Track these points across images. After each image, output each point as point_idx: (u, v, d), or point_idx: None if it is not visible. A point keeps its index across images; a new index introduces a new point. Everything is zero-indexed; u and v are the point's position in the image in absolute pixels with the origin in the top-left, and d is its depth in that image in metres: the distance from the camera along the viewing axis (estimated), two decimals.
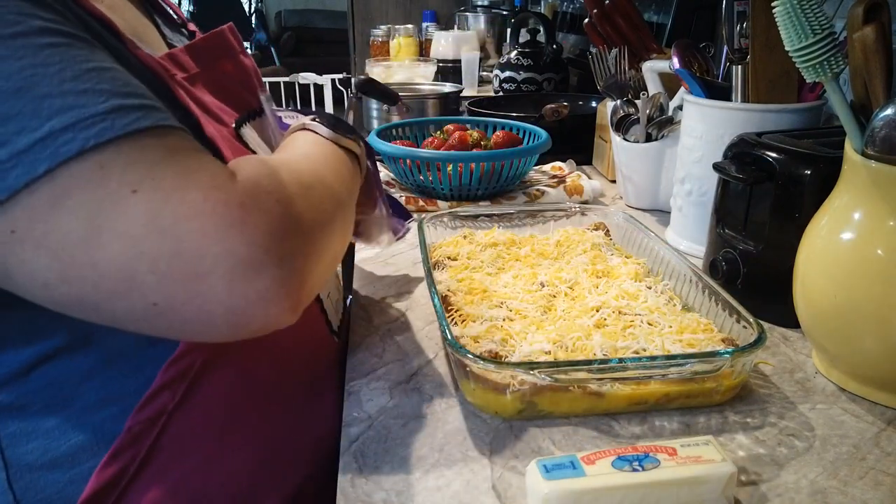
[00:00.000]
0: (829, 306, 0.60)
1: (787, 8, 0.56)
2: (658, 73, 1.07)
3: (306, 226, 0.43)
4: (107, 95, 0.39)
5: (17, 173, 0.37)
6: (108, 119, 0.38)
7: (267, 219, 0.40)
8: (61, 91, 0.38)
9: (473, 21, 2.63)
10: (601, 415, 0.59)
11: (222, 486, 0.56)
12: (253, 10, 6.37)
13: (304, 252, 0.42)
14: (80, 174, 0.37)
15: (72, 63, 0.39)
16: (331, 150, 0.57)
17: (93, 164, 0.38)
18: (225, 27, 0.64)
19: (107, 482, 0.51)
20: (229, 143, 0.55)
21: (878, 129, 0.55)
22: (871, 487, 0.50)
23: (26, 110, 0.37)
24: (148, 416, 0.51)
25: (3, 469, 0.51)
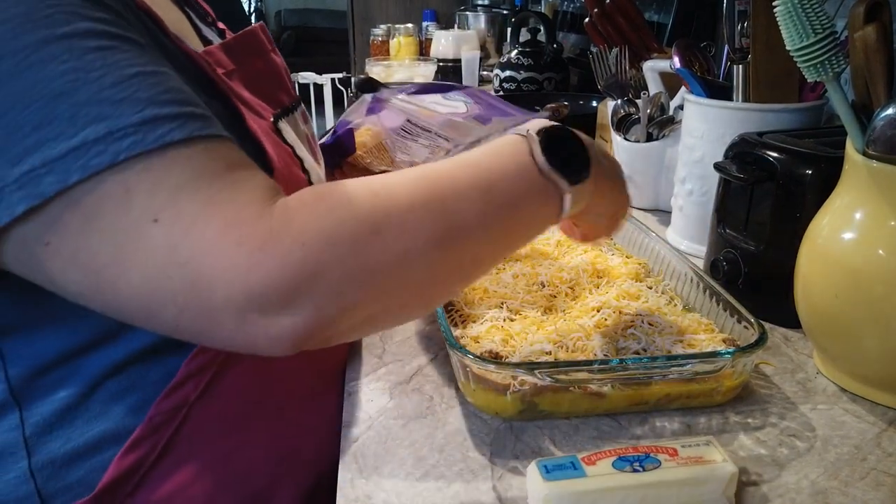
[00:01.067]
0: (830, 306, 0.59)
1: (788, 7, 0.56)
2: (659, 73, 1.07)
3: (339, 274, 0.39)
4: (144, 104, 0.39)
5: (49, 180, 0.37)
6: (141, 131, 0.38)
7: (281, 266, 0.37)
8: (99, 99, 0.38)
9: (474, 20, 2.63)
10: (602, 415, 0.58)
11: (239, 479, 0.57)
12: (252, 9, 6.37)
13: (323, 302, 0.39)
14: (108, 195, 0.37)
15: (114, 68, 0.39)
16: (520, 184, 0.47)
17: (119, 185, 0.37)
18: (256, 26, 0.64)
19: (126, 470, 0.52)
20: (269, 136, 0.56)
21: (880, 128, 0.55)
22: (873, 488, 0.50)
23: (64, 116, 0.37)
24: (170, 406, 0.52)
25: (25, 458, 0.51)
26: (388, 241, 0.40)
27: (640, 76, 1.12)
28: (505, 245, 0.50)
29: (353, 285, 0.39)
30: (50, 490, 0.52)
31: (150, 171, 0.38)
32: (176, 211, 0.38)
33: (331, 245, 0.39)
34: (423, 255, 0.42)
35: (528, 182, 0.47)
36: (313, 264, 0.38)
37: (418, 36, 2.60)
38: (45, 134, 0.37)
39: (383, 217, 0.41)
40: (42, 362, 0.50)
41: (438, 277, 0.44)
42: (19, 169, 0.37)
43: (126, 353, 0.51)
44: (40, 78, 0.37)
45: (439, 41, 2.37)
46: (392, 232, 0.41)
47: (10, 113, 0.37)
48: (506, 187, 0.46)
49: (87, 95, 0.38)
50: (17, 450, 0.51)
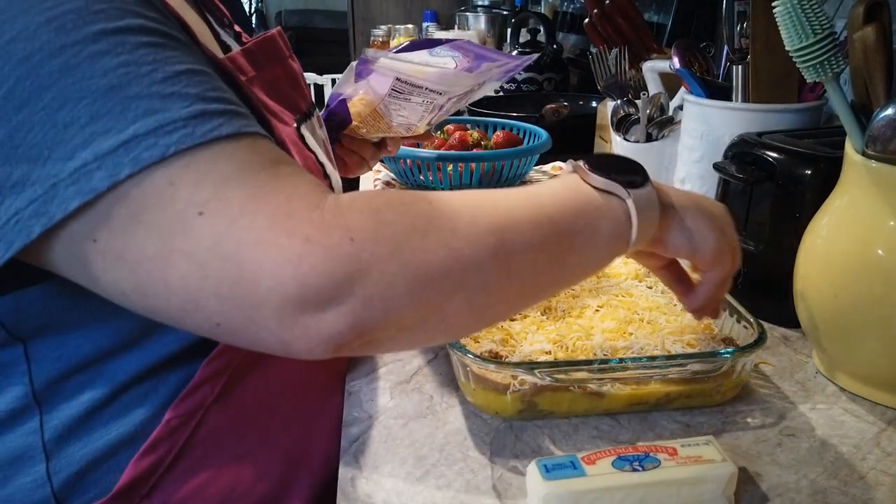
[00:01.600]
0: (829, 306, 0.60)
1: (788, 8, 0.56)
2: (658, 73, 1.07)
3: (387, 274, 0.38)
4: (192, 100, 0.39)
5: (101, 175, 0.37)
6: (190, 125, 0.38)
7: (329, 258, 0.37)
8: (150, 93, 0.38)
9: (474, 21, 2.63)
10: (601, 415, 0.59)
11: (254, 482, 0.57)
12: (253, 9, 6.37)
13: (368, 302, 0.37)
14: (155, 188, 0.37)
15: (164, 64, 0.39)
16: (575, 201, 0.45)
17: (165, 179, 0.37)
18: (274, 31, 0.64)
19: (142, 473, 0.52)
20: (295, 144, 0.56)
21: (879, 128, 0.55)
22: (872, 487, 0.50)
23: (115, 110, 0.37)
24: (186, 409, 0.52)
25: (43, 461, 0.51)
26: (438, 246, 0.39)
27: (640, 77, 1.12)
28: (572, 265, 0.46)
29: (399, 288, 0.38)
30: (66, 493, 0.52)
31: (196, 163, 0.38)
32: (222, 202, 0.37)
33: (381, 243, 0.38)
34: (475, 266, 0.40)
35: (587, 201, 0.46)
36: (362, 261, 0.37)
37: (418, 36, 2.60)
38: (97, 128, 0.37)
39: (435, 221, 0.40)
40: (68, 366, 0.50)
41: (490, 293, 0.42)
42: (73, 164, 0.37)
43: (150, 358, 0.51)
44: (93, 72, 0.37)
45: None
46: (444, 236, 0.40)
47: (64, 108, 0.37)
48: (562, 208, 0.45)
49: (138, 89, 0.38)
50: (35, 454, 0.51)
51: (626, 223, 0.46)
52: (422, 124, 0.77)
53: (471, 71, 0.71)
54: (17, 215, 0.38)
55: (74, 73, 0.37)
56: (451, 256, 0.40)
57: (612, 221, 0.46)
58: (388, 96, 0.70)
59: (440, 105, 0.73)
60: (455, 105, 0.77)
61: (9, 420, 0.51)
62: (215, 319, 0.39)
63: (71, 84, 0.37)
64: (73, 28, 0.37)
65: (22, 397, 0.51)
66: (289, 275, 0.36)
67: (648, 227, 0.48)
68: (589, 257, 0.47)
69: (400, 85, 0.69)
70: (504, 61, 0.74)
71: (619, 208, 0.46)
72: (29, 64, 0.37)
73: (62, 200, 0.37)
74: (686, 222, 0.51)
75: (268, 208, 0.37)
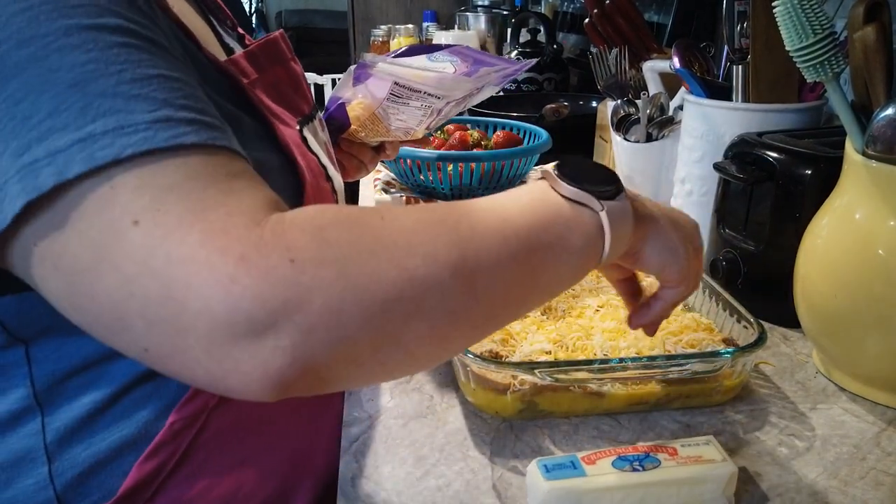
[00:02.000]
0: (829, 306, 0.60)
1: (788, 8, 0.56)
2: (658, 73, 1.07)
3: (330, 299, 0.34)
4: (158, 105, 0.36)
5: (48, 172, 0.34)
6: (153, 128, 0.36)
7: (265, 280, 0.33)
8: (115, 93, 0.36)
9: (474, 21, 2.63)
10: (602, 415, 0.59)
11: (257, 485, 0.57)
12: (253, 9, 6.37)
13: (310, 331, 0.34)
14: (96, 193, 0.35)
15: (135, 66, 0.37)
16: (544, 215, 0.42)
17: (108, 182, 0.35)
18: (277, 34, 0.64)
19: (146, 476, 0.52)
20: (298, 147, 0.56)
21: (879, 128, 0.55)
22: (872, 487, 0.50)
23: (76, 106, 0.35)
24: (190, 412, 0.52)
25: (45, 463, 0.51)
26: (390, 266, 0.35)
27: (640, 76, 1.12)
28: (539, 286, 0.42)
29: (346, 316, 0.34)
30: (69, 496, 0.52)
31: (145, 170, 0.35)
32: (159, 213, 0.34)
33: (324, 265, 0.34)
34: (434, 286, 0.36)
35: (556, 213, 0.42)
36: (302, 285, 0.34)
37: (418, 36, 2.60)
38: (54, 123, 0.35)
39: (386, 238, 0.36)
40: (69, 367, 0.50)
41: (453, 315, 0.38)
42: (22, 160, 0.35)
43: None
44: (60, 66, 0.35)
45: (439, 42, 2.37)
46: (396, 254, 0.36)
47: (25, 100, 0.35)
48: (531, 222, 0.41)
49: (102, 88, 0.36)
50: (37, 456, 0.51)
51: (599, 237, 0.43)
52: (420, 128, 0.77)
53: (469, 75, 0.71)
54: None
55: (41, 65, 0.35)
56: (404, 276, 0.35)
57: (583, 236, 0.42)
58: (387, 100, 0.70)
59: (438, 109, 0.73)
60: (454, 109, 0.77)
61: (10, 422, 0.51)
62: (142, 343, 0.35)
63: (36, 76, 0.35)
64: (46, 19, 0.36)
65: (23, 399, 0.50)
66: (219, 297, 0.33)
67: (621, 240, 0.44)
68: (559, 273, 0.43)
69: (398, 89, 0.69)
70: (502, 66, 0.74)
71: (591, 221, 0.43)
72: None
73: (11, 200, 0.35)
74: (660, 237, 0.48)
75: (204, 223, 0.34)
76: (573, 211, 0.42)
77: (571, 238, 0.42)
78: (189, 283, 0.33)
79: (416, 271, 0.36)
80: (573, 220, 0.42)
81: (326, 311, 0.34)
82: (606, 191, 0.43)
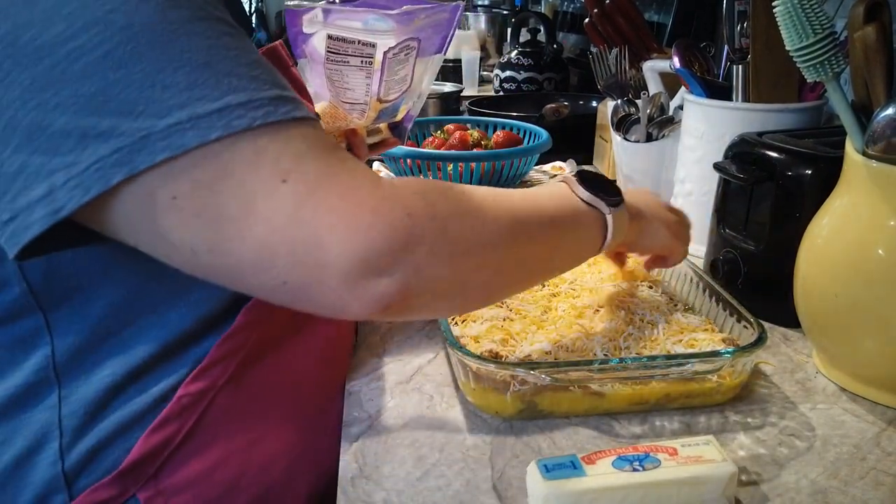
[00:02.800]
0: (829, 306, 0.60)
1: (788, 7, 0.56)
2: (659, 73, 1.07)
3: (435, 245, 0.44)
4: (270, 85, 0.43)
5: (192, 134, 0.39)
6: (273, 104, 0.42)
7: (391, 229, 0.42)
8: (238, 73, 0.42)
9: (474, 21, 2.63)
10: (602, 415, 0.59)
11: (261, 468, 0.57)
12: (253, 9, 6.37)
13: (419, 268, 0.43)
14: (241, 155, 0.41)
15: (244, 52, 0.43)
16: (567, 206, 0.55)
17: (251, 147, 0.41)
18: (277, 44, 0.67)
19: (151, 449, 0.52)
20: None
21: (879, 128, 0.55)
22: (872, 487, 0.50)
23: (210, 82, 0.40)
24: (199, 388, 0.53)
25: (57, 437, 0.52)
26: (475, 225, 0.47)
27: (640, 76, 1.12)
28: (560, 258, 0.56)
29: (443, 257, 0.45)
30: (76, 470, 0.52)
31: (278, 137, 0.42)
32: (301, 174, 0.41)
33: (432, 219, 0.44)
34: (496, 248, 0.49)
35: (575, 208, 0.55)
36: (415, 235, 0.43)
37: None
38: (193, 94, 0.40)
39: (471, 207, 0.47)
40: (91, 336, 0.51)
41: (507, 268, 0.51)
42: (166, 121, 0.39)
43: (167, 335, 0.52)
44: (189, 47, 0.41)
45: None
46: (480, 218, 0.47)
47: (163, 72, 0.40)
48: (557, 210, 0.54)
49: (229, 68, 0.42)
50: (51, 429, 0.52)
51: (603, 232, 0.57)
52: (371, 102, 0.74)
53: (390, 9, 0.70)
54: (99, 162, 0.39)
55: (173, 45, 0.40)
56: (482, 238, 0.47)
57: (592, 229, 0.56)
58: (328, 61, 0.69)
59: (379, 64, 0.71)
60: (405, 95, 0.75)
61: (28, 395, 0.51)
62: (283, 278, 0.42)
63: (170, 54, 0.40)
64: (170, 8, 0.41)
65: (42, 370, 0.51)
66: (358, 241, 0.41)
67: (619, 236, 0.58)
68: (572, 254, 0.58)
69: (334, 44, 0.68)
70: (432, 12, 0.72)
71: (600, 220, 0.56)
72: (130, 31, 0.39)
73: (150, 152, 0.39)
74: (649, 230, 0.63)
75: (340, 183, 0.42)
76: (587, 210, 0.56)
77: (584, 229, 0.56)
78: (334, 230, 0.41)
79: (489, 235, 0.48)
80: (588, 216, 0.56)
81: (430, 255, 0.44)
82: (614, 199, 0.57)
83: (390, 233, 0.42)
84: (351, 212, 0.41)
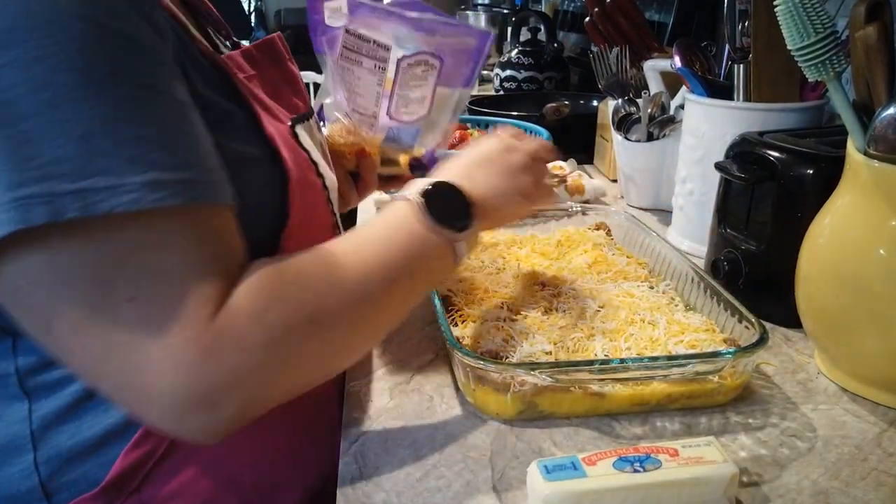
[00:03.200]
0: (831, 306, 0.59)
1: (789, 7, 0.56)
2: (659, 72, 1.06)
3: (274, 367, 0.44)
4: (149, 167, 0.40)
5: (43, 210, 0.38)
6: (142, 191, 0.40)
7: (221, 367, 0.41)
8: (115, 152, 0.39)
9: (474, 20, 2.63)
10: (602, 415, 0.58)
11: (246, 477, 0.57)
12: (252, 8, 6.36)
13: (251, 400, 0.44)
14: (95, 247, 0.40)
15: (135, 125, 0.41)
16: (416, 246, 0.52)
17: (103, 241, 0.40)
18: (274, 36, 0.65)
19: (132, 464, 0.52)
20: (286, 140, 0.56)
21: (881, 128, 0.55)
22: (873, 488, 0.50)
23: (80, 160, 0.39)
24: None
25: (31, 451, 0.52)
26: (322, 325, 0.46)
27: (641, 76, 1.12)
28: (412, 300, 0.54)
29: (285, 374, 0.45)
30: (55, 484, 0.52)
31: (130, 227, 0.40)
32: (144, 295, 0.40)
33: (268, 345, 0.43)
34: (343, 337, 0.48)
35: (422, 243, 0.53)
36: (245, 368, 0.42)
37: None
38: (55, 169, 0.38)
39: (318, 305, 0.46)
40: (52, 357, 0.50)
41: (361, 334, 0.51)
42: (17, 193, 0.38)
43: None
44: (70, 117, 0.38)
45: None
46: (326, 316, 0.46)
47: (32, 142, 0.38)
48: (404, 256, 0.51)
49: (104, 146, 0.39)
50: (23, 443, 0.51)
51: (454, 257, 0.55)
52: (379, 115, 0.70)
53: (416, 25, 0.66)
54: None
55: (54, 113, 0.38)
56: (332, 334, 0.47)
57: (443, 261, 0.54)
58: (341, 56, 0.67)
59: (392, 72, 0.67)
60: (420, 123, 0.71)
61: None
62: (113, 396, 0.43)
63: (48, 121, 0.38)
64: (63, 69, 0.39)
65: (10, 386, 0.51)
66: (185, 380, 0.40)
67: (472, 250, 0.58)
68: (427, 285, 0.58)
69: (349, 39, 0.66)
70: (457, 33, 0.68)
71: (448, 247, 0.54)
72: (12, 93, 0.38)
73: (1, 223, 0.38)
74: (505, 213, 0.60)
75: (177, 317, 0.40)
76: (436, 240, 0.53)
77: (434, 265, 0.54)
78: (160, 364, 0.40)
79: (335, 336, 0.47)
80: (436, 250, 0.53)
81: (264, 384, 0.44)
82: (462, 225, 0.54)
83: (219, 373, 0.41)
84: (177, 350, 0.40)
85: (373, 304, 0.49)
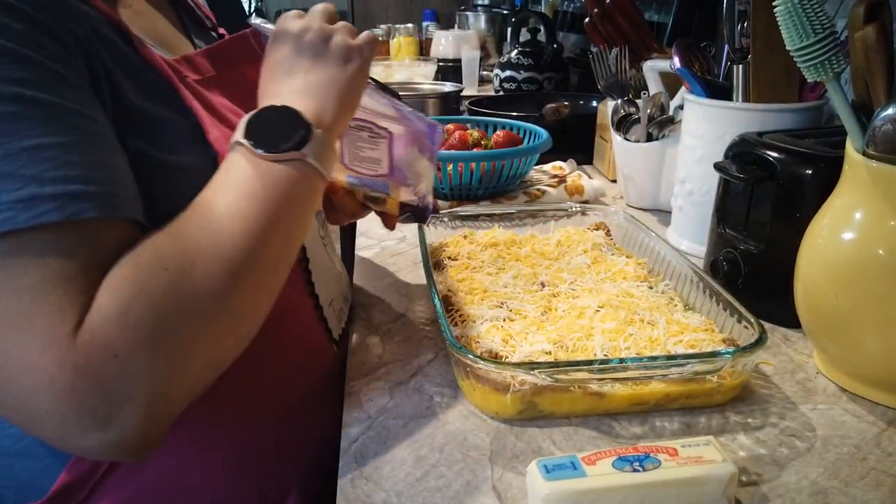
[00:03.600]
0: (830, 306, 0.59)
1: (789, 7, 0.56)
2: (659, 73, 1.07)
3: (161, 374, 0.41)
4: (25, 182, 0.39)
5: None
6: (14, 209, 0.38)
7: (98, 381, 0.39)
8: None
9: (474, 20, 2.63)
10: (602, 415, 0.58)
11: (198, 490, 0.56)
12: (253, 8, 6.37)
13: (148, 407, 0.40)
14: None
15: (11, 139, 0.39)
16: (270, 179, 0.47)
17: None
18: (248, 31, 0.63)
19: (80, 475, 0.51)
20: None
21: (880, 128, 0.55)
22: (873, 488, 0.50)
23: None
24: None
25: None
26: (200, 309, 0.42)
27: (640, 76, 1.12)
28: (294, 236, 0.50)
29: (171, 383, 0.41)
30: (1, 487, 0.51)
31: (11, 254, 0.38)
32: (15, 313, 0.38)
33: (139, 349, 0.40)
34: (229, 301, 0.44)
35: (273, 178, 0.47)
36: (128, 373, 0.39)
37: (418, 36, 2.60)
38: None
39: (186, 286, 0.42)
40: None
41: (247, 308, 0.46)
42: None
43: None
44: None
45: (439, 41, 2.37)
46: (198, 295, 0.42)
47: None
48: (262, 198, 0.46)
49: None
50: None
51: (315, 174, 0.49)
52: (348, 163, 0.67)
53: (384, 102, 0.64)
54: None
55: None
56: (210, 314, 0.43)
57: (306, 183, 0.49)
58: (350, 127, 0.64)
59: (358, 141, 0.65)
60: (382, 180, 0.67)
61: None
62: (13, 421, 0.41)
63: None
64: None
65: None
66: (63, 402, 0.38)
67: (332, 157, 0.51)
68: (302, 222, 0.51)
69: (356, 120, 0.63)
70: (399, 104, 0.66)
71: (303, 168, 0.48)
72: None
73: None
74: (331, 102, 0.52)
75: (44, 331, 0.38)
76: (287, 169, 0.48)
77: (300, 193, 0.48)
78: (36, 390, 0.38)
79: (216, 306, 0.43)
80: (291, 177, 0.48)
81: (159, 383, 0.40)
82: (302, 137, 0.48)
83: (98, 387, 0.38)
84: (51, 371, 0.38)
85: (247, 258, 0.45)
